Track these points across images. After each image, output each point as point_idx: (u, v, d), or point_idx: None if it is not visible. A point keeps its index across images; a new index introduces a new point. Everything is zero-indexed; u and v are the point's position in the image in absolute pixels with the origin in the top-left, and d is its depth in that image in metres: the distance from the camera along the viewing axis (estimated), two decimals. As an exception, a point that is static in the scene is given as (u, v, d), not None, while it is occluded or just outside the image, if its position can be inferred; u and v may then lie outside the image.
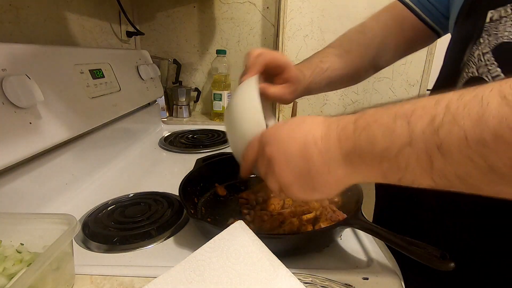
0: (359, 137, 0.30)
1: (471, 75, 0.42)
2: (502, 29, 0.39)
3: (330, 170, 0.32)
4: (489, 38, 0.40)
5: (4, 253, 0.35)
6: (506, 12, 0.38)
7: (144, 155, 0.88)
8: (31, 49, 0.56)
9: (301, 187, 0.34)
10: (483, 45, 0.41)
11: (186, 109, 1.27)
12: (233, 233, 0.37)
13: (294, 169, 0.34)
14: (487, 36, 0.40)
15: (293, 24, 1.22)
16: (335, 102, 1.31)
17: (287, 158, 0.34)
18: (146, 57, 1.05)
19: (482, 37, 0.41)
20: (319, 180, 0.33)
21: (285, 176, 0.34)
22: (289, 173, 0.34)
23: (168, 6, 1.25)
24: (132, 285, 0.39)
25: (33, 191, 0.53)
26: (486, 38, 0.40)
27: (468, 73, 0.42)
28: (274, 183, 0.37)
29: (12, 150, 0.46)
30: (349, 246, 0.48)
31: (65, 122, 0.57)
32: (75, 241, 0.48)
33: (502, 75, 0.38)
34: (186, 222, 0.53)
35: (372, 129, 0.29)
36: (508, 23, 0.38)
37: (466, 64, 0.43)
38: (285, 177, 0.34)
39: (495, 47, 0.39)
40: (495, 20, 0.40)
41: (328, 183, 0.33)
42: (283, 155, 0.34)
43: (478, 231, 0.44)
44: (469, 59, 0.43)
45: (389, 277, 0.40)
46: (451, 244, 0.46)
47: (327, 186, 0.33)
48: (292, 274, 0.34)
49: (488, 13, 0.40)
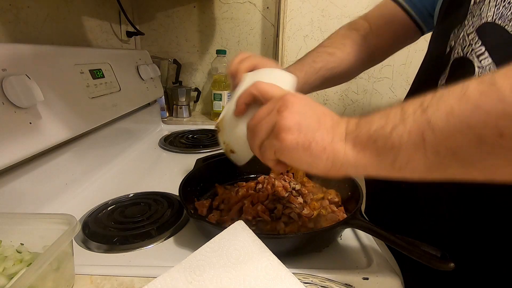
0: (361, 122, 0.32)
1: (457, 55, 0.43)
2: (485, 10, 0.40)
3: (332, 140, 0.32)
4: (473, 20, 0.41)
5: (4, 253, 0.35)
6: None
7: (144, 155, 0.88)
8: (31, 49, 0.56)
9: (296, 140, 0.33)
10: (467, 27, 0.42)
11: (186, 109, 1.27)
12: (233, 233, 0.37)
13: (303, 121, 0.33)
14: (471, 17, 0.42)
15: (293, 24, 1.22)
16: (335, 102, 1.31)
17: (304, 110, 0.34)
18: (146, 57, 1.05)
19: (466, 19, 0.42)
20: (318, 144, 0.33)
21: (290, 121, 0.33)
22: (296, 121, 0.33)
23: (168, 6, 1.25)
24: (132, 285, 0.39)
25: (33, 191, 0.53)
26: (470, 20, 0.42)
27: (453, 55, 0.44)
28: (270, 124, 0.35)
29: (12, 150, 0.46)
30: (349, 246, 0.48)
31: (65, 122, 0.57)
32: (75, 241, 0.48)
33: (487, 53, 0.39)
34: (186, 222, 0.53)
35: (372, 116, 0.32)
36: (492, 4, 0.39)
37: (453, 48, 0.44)
38: (290, 121, 0.33)
39: (479, 27, 0.40)
40: (478, 2, 0.41)
41: (324, 151, 0.33)
42: (302, 107, 0.34)
43: (475, 229, 0.44)
44: (454, 42, 0.44)
45: (389, 277, 0.40)
46: (440, 242, 0.46)
47: (320, 155, 0.33)
48: (292, 274, 0.34)
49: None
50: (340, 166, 0.32)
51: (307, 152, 0.33)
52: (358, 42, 0.63)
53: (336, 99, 1.31)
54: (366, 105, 1.31)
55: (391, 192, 0.59)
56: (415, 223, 0.52)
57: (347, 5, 1.19)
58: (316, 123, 0.33)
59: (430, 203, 0.49)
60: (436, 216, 0.49)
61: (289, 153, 0.34)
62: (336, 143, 0.32)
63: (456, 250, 0.38)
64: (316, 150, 0.33)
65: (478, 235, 0.44)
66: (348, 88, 1.29)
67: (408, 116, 0.28)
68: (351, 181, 0.55)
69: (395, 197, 0.58)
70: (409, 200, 0.53)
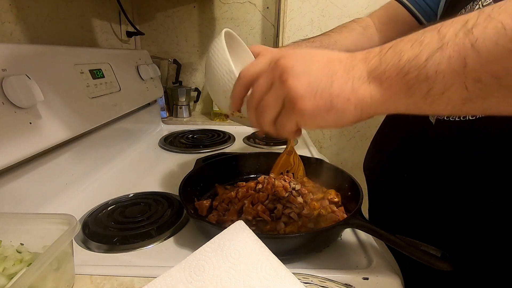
0: (386, 54, 0.28)
1: None
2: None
3: (353, 87, 0.29)
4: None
5: (4, 253, 0.35)
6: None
7: (144, 155, 0.88)
8: (31, 49, 0.56)
9: (316, 104, 0.30)
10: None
11: (186, 109, 1.27)
12: (233, 233, 0.37)
13: (312, 83, 0.30)
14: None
15: (293, 24, 1.22)
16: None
17: (307, 69, 0.30)
18: (146, 57, 1.05)
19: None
20: (340, 98, 0.29)
21: (300, 88, 0.30)
22: (306, 85, 0.30)
23: (168, 6, 1.25)
24: (132, 285, 0.39)
25: (33, 191, 0.53)
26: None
27: None
28: (278, 98, 0.32)
29: (12, 150, 0.46)
30: (349, 246, 0.48)
31: (65, 122, 0.57)
32: (75, 241, 0.48)
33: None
34: (186, 222, 0.53)
35: (399, 45, 0.28)
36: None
37: None
38: (300, 88, 0.30)
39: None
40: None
41: (349, 102, 0.29)
42: (302, 66, 0.31)
43: (476, 229, 0.44)
44: None
45: (389, 277, 0.40)
46: (440, 242, 0.46)
47: (346, 108, 0.29)
48: (292, 274, 0.34)
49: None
50: (369, 110, 0.29)
51: (331, 112, 0.30)
52: (357, 30, 0.63)
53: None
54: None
55: (394, 191, 0.59)
56: (415, 223, 0.52)
57: (347, 5, 1.19)
58: (327, 76, 0.30)
59: (432, 203, 0.49)
60: (437, 216, 0.49)
61: (313, 120, 0.31)
62: (359, 88, 0.29)
63: (456, 250, 0.38)
64: (340, 105, 0.29)
65: (478, 235, 0.44)
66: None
67: (448, 40, 0.24)
68: (351, 181, 0.55)
69: (397, 196, 0.58)
70: (411, 199, 0.54)
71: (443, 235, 0.47)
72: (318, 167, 0.63)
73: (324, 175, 0.61)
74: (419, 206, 0.52)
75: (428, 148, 0.50)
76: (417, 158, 0.52)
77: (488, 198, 0.42)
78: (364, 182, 1.39)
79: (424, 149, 0.51)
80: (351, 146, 1.38)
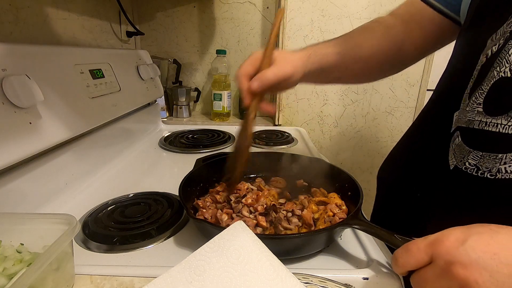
0: None
1: (503, 75, 0.38)
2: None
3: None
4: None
5: (4, 253, 0.35)
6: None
7: (144, 155, 0.88)
8: (31, 49, 0.56)
9: None
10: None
11: (186, 109, 1.28)
12: (233, 233, 0.37)
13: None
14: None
15: (293, 24, 1.22)
16: (335, 102, 1.31)
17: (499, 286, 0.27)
18: (146, 57, 1.05)
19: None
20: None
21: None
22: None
23: (168, 6, 1.25)
24: (132, 285, 0.39)
25: (33, 191, 0.53)
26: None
27: (500, 72, 0.38)
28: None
29: (12, 150, 0.46)
30: (349, 246, 0.48)
31: (65, 122, 0.57)
32: (75, 241, 0.48)
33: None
34: (186, 222, 0.53)
35: None
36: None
37: (499, 62, 0.38)
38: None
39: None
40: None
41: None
42: (489, 280, 0.27)
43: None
44: (502, 57, 0.38)
45: (389, 277, 0.40)
46: None
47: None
48: (292, 274, 0.34)
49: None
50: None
51: None
52: (379, 31, 0.59)
53: (336, 99, 1.31)
54: (366, 105, 1.31)
55: (404, 198, 0.56)
56: (422, 231, 0.51)
57: (347, 5, 1.19)
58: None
59: (442, 214, 0.48)
60: (445, 226, 0.48)
61: None
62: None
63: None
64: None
65: None
66: (348, 88, 1.29)
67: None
68: (351, 181, 0.55)
69: (407, 204, 0.56)
70: (420, 209, 0.51)
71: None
72: (318, 167, 0.63)
73: (324, 175, 0.61)
74: (429, 216, 0.50)
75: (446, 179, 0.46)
76: (433, 181, 0.49)
77: (499, 215, 0.40)
78: (367, 183, 1.38)
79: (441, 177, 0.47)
80: (351, 146, 1.38)
